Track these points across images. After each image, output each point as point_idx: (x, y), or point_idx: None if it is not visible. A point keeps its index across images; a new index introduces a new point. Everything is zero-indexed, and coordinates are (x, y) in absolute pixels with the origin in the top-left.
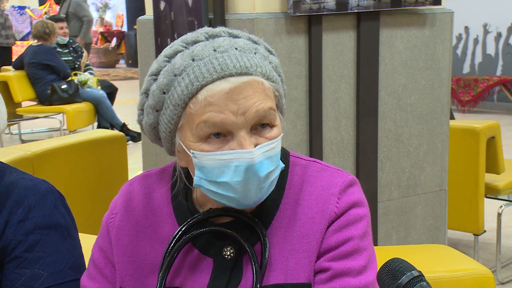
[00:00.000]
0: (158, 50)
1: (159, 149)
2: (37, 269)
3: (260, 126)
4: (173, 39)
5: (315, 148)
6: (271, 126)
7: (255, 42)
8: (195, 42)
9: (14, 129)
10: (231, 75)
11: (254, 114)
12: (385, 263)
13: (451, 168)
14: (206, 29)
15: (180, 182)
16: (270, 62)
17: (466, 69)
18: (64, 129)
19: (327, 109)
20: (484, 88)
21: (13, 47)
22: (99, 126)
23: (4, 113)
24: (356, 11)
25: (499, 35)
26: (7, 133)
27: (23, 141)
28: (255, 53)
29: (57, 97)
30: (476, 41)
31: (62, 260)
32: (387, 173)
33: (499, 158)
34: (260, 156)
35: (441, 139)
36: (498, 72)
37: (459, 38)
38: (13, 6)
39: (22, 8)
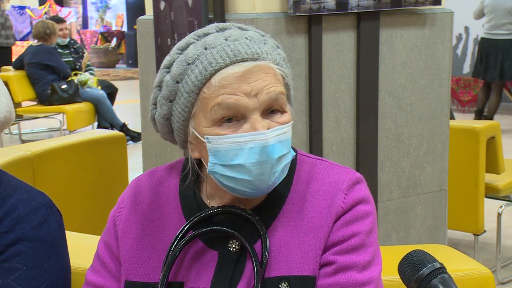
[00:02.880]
0: (158, 50)
1: (159, 149)
2: (10, 280)
3: (271, 112)
4: (173, 39)
5: (315, 148)
6: (282, 112)
7: (263, 36)
8: (206, 34)
9: (14, 129)
10: (243, 60)
11: (266, 96)
12: (406, 254)
13: (451, 168)
14: (216, 23)
15: (193, 174)
16: (278, 54)
17: (466, 69)
18: (64, 129)
19: (327, 109)
20: None
21: (13, 47)
22: (99, 126)
23: (4, 104)
24: (356, 11)
25: None
26: (7, 133)
27: (23, 141)
28: (264, 43)
29: (57, 97)
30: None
31: (40, 277)
32: (387, 173)
33: (499, 158)
34: (273, 139)
35: (441, 139)
36: None
37: (459, 38)
38: (13, 6)
39: (22, 8)
